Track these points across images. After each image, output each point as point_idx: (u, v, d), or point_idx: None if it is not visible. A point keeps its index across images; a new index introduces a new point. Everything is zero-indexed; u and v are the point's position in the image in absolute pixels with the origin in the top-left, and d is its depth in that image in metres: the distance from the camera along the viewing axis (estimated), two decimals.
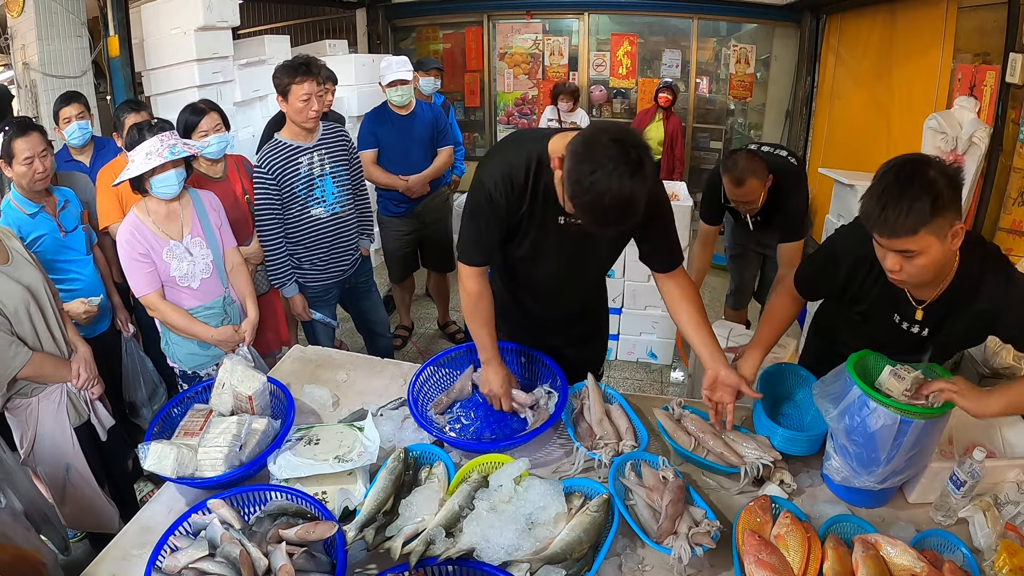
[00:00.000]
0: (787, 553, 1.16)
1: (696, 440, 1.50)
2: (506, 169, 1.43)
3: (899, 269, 1.22)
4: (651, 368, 3.62)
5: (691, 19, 5.74)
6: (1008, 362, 2.40)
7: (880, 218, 1.16)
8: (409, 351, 3.80)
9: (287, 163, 2.35)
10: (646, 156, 1.20)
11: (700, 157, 6.19)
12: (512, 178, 1.42)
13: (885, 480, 1.29)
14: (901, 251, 1.19)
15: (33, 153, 2.04)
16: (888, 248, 1.21)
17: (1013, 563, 1.16)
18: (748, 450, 1.44)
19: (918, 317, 1.32)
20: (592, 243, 1.53)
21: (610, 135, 1.19)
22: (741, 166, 2.36)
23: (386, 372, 1.91)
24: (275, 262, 2.42)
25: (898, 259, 1.21)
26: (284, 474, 1.35)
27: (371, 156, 3.22)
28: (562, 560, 1.16)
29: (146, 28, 3.53)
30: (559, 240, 1.51)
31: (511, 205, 1.45)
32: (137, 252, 1.91)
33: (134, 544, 1.31)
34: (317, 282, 2.56)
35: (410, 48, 6.45)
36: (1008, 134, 2.64)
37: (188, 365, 2.11)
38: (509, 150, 1.49)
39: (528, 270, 1.63)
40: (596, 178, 1.16)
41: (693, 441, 1.51)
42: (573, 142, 1.23)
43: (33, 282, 1.76)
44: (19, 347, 1.69)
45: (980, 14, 2.96)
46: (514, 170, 1.43)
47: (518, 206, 1.45)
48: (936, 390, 1.23)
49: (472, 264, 1.55)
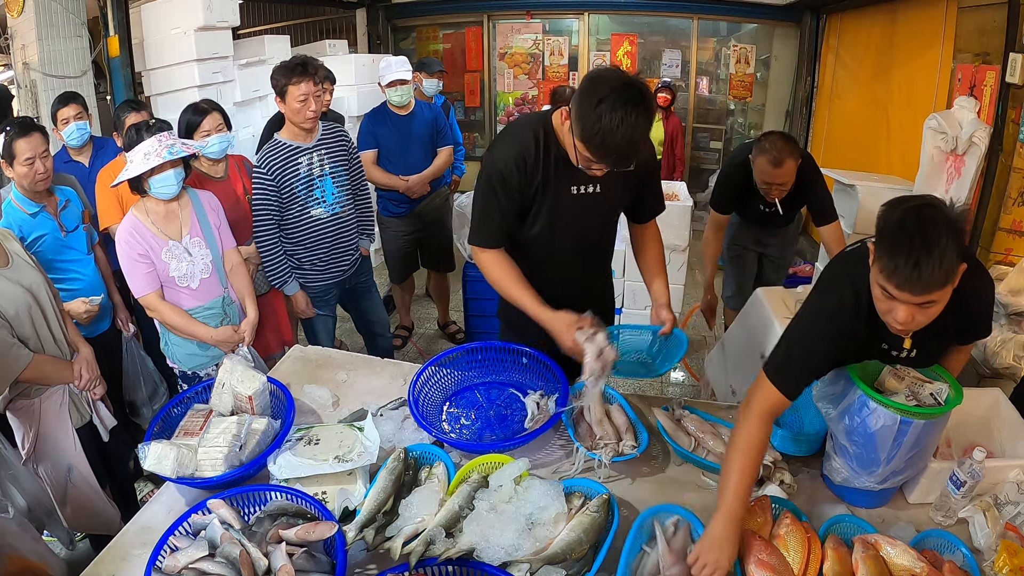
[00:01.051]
0: (787, 553, 1.16)
1: (696, 440, 1.51)
2: (515, 146, 1.49)
3: (911, 319, 1.13)
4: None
5: (691, 19, 5.74)
6: (1008, 362, 2.40)
7: (914, 275, 1.06)
8: (409, 351, 3.80)
9: (287, 163, 2.35)
10: (646, 89, 1.29)
11: (700, 157, 6.19)
12: (523, 153, 1.48)
13: (885, 480, 1.29)
14: (923, 303, 1.10)
15: (34, 154, 2.04)
16: (910, 302, 1.10)
17: (1013, 563, 1.16)
18: None
19: (906, 346, 1.28)
20: (603, 208, 1.60)
21: (612, 72, 1.31)
22: (779, 146, 2.37)
23: (386, 372, 1.91)
24: (272, 261, 2.42)
25: (913, 311, 1.12)
26: (284, 474, 1.35)
27: (371, 156, 3.22)
28: (562, 560, 1.16)
29: (146, 28, 3.53)
30: (573, 210, 1.55)
31: (524, 180, 1.49)
32: (136, 252, 1.91)
33: (134, 544, 1.31)
34: (317, 282, 2.56)
35: (410, 48, 6.45)
36: (1008, 134, 2.64)
37: (187, 365, 2.11)
38: (514, 131, 1.55)
39: (544, 248, 1.63)
40: (603, 108, 1.24)
41: (693, 441, 1.51)
42: (579, 85, 1.32)
43: (34, 284, 1.76)
44: (20, 349, 1.68)
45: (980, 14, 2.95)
46: (523, 146, 1.48)
47: (532, 179, 1.50)
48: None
49: (488, 247, 1.59)
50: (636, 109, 1.25)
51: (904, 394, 1.28)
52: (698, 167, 6.13)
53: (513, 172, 1.48)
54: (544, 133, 1.49)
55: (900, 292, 1.09)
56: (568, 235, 1.61)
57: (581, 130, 1.30)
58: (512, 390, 1.74)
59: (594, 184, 1.53)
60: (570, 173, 1.49)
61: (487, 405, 1.71)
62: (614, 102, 1.25)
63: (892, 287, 1.09)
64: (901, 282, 1.08)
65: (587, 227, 1.62)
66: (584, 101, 1.28)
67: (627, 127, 1.26)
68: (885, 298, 1.13)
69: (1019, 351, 2.41)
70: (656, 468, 1.51)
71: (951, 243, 1.05)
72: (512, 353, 1.77)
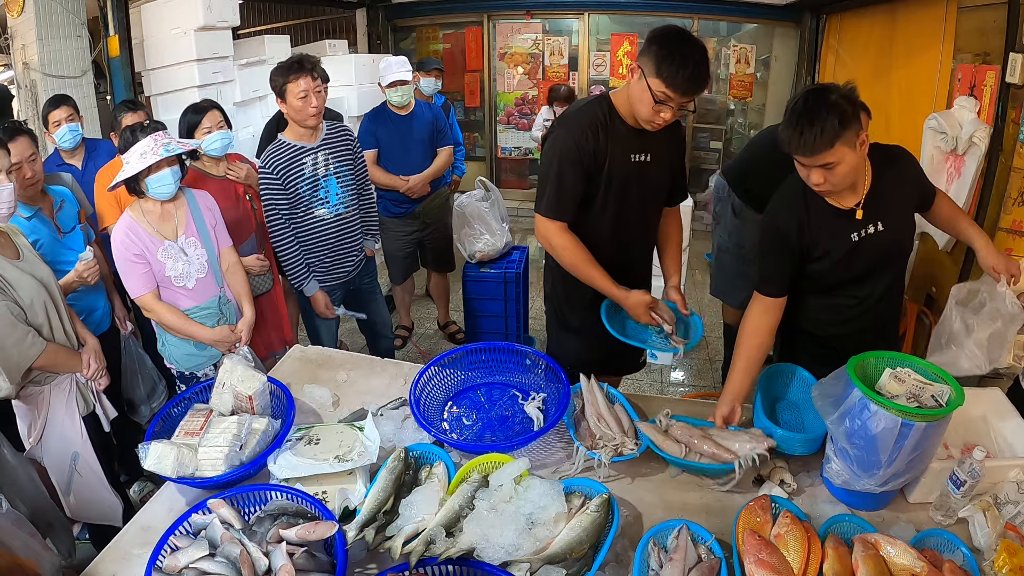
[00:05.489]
0: (787, 553, 1.16)
1: (686, 446, 1.48)
2: (587, 119, 1.70)
3: (823, 181, 1.46)
4: (651, 368, 3.62)
5: (691, 19, 5.73)
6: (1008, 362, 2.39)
7: (800, 142, 1.41)
8: (410, 351, 3.80)
9: (291, 164, 2.34)
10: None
11: (700, 157, 6.18)
12: (595, 123, 1.69)
13: (886, 483, 1.29)
14: (823, 165, 1.43)
15: (21, 158, 2.03)
16: (811, 165, 1.45)
17: (1013, 563, 1.16)
18: (740, 443, 1.43)
19: (859, 217, 1.56)
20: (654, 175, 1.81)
21: (669, 27, 1.59)
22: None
23: (386, 372, 1.91)
24: (290, 262, 2.40)
25: (821, 172, 1.45)
26: (284, 474, 1.35)
27: (371, 156, 3.22)
28: (562, 560, 1.16)
29: (146, 28, 3.53)
30: (634, 175, 1.76)
31: (598, 146, 1.69)
32: (132, 253, 1.90)
33: (134, 544, 1.31)
34: (322, 283, 2.55)
35: (410, 48, 6.45)
36: (1008, 134, 2.64)
37: (185, 366, 2.11)
38: (577, 113, 1.74)
39: (611, 219, 1.80)
40: (670, 44, 1.54)
41: (683, 448, 1.48)
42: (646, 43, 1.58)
43: (45, 276, 1.79)
44: (35, 337, 1.72)
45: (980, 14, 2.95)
46: (593, 118, 1.70)
47: (604, 146, 1.70)
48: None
49: (560, 219, 1.75)
50: (694, 41, 1.57)
51: (905, 396, 1.28)
52: (698, 167, 6.12)
53: (589, 140, 1.68)
54: (608, 107, 1.71)
55: (800, 157, 1.46)
56: (631, 201, 1.80)
57: (656, 67, 1.53)
58: (515, 391, 1.75)
59: (646, 153, 1.76)
60: (630, 141, 1.72)
61: (489, 406, 1.71)
62: (678, 38, 1.55)
63: (795, 156, 1.47)
64: (792, 148, 1.44)
65: (643, 195, 1.81)
66: (652, 48, 1.55)
67: (696, 50, 1.54)
68: (801, 168, 1.50)
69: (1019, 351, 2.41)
70: (656, 468, 1.51)
71: (830, 115, 1.37)
72: (515, 354, 1.78)
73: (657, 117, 1.60)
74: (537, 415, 1.60)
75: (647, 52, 1.56)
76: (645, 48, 1.58)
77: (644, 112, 1.61)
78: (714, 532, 1.23)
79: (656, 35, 1.57)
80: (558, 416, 1.54)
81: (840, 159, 1.42)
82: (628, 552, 1.25)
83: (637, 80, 1.59)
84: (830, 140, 1.39)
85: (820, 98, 1.41)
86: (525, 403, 1.67)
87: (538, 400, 1.66)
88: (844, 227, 1.58)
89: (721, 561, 1.18)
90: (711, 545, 1.21)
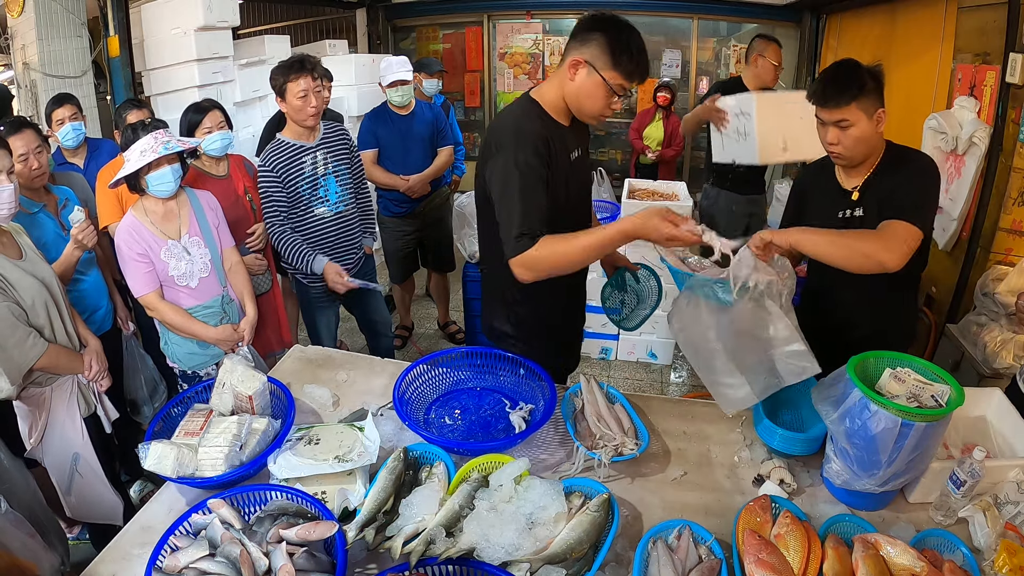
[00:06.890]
0: (787, 553, 1.16)
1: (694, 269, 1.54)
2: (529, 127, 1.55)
3: (837, 142, 1.58)
4: (651, 368, 3.62)
5: (691, 19, 5.74)
6: (1008, 362, 2.40)
7: (822, 93, 1.57)
8: (410, 351, 3.80)
9: (291, 162, 2.35)
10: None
11: (700, 157, 6.18)
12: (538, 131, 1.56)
13: (886, 483, 1.29)
14: (838, 122, 1.55)
15: (28, 150, 2.04)
16: (828, 120, 1.58)
17: (1013, 563, 1.16)
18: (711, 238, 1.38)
19: (854, 198, 1.66)
20: (588, 171, 1.83)
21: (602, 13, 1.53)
22: None
23: (386, 372, 1.91)
24: (291, 249, 2.38)
25: (836, 131, 1.57)
26: (284, 474, 1.35)
27: (371, 156, 3.22)
28: (562, 560, 1.16)
29: (146, 28, 3.53)
30: (575, 173, 1.70)
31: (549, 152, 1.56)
32: (135, 252, 1.91)
33: (134, 544, 1.31)
34: (321, 281, 2.55)
35: (410, 48, 6.45)
36: (1008, 134, 2.64)
37: (187, 365, 2.11)
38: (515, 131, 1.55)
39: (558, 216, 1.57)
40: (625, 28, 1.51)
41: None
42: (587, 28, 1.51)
43: (47, 276, 1.79)
44: (37, 338, 1.72)
45: (980, 14, 2.95)
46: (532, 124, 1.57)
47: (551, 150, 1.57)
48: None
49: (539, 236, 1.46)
50: (631, 24, 1.54)
51: (905, 396, 1.28)
52: (698, 167, 6.12)
53: (542, 148, 1.53)
54: (539, 111, 1.61)
55: (820, 111, 1.59)
56: (573, 201, 1.73)
57: (612, 59, 1.48)
58: (502, 398, 1.74)
59: (579, 149, 1.71)
60: (568, 141, 1.65)
61: (472, 409, 1.70)
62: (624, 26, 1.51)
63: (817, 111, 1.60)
64: (815, 99, 1.58)
65: (580, 191, 1.77)
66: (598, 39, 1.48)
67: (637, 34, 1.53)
68: (820, 128, 1.63)
69: (1019, 351, 2.41)
70: (656, 468, 1.51)
71: (855, 77, 1.53)
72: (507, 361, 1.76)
73: (608, 110, 1.56)
74: (521, 424, 1.59)
75: (592, 44, 1.48)
76: (585, 39, 1.49)
77: (595, 107, 1.54)
78: (714, 532, 1.23)
79: (598, 25, 1.49)
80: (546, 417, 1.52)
81: (855, 121, 1.54)
82: (628, 552, 1.25)
83: (587, 75, 1.50)
84: (849, 98, 1.53)
85: (850, 65, 1.57)
86: (511, 411, 1.65)
87: (525, 411, 1.64)
88: (836, 200, 1.70)
89: (721, 562, 1.18)
90: (711, 545, 1.21)
